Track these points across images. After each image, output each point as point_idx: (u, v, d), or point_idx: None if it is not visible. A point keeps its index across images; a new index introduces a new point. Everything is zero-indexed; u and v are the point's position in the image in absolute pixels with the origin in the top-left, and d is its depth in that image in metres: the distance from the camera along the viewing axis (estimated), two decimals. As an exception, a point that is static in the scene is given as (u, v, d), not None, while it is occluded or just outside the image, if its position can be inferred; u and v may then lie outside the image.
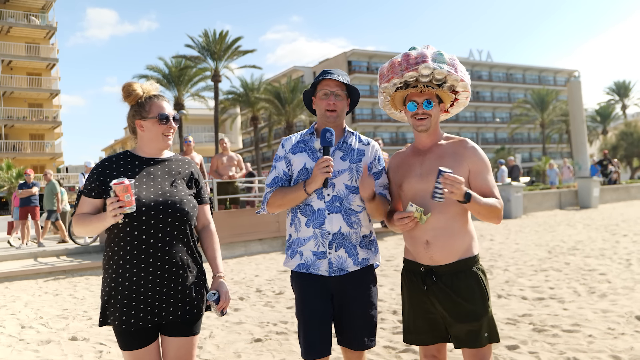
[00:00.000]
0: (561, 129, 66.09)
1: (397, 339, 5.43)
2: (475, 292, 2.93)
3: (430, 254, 2.96)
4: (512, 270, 8.85)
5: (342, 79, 3.23)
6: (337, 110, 3.22)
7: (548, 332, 5.37)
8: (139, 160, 2.96)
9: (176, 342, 2.89)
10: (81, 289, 9.54)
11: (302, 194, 3.12)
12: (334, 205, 3.16)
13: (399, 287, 7.97)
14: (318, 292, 3.16)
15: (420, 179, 3.02)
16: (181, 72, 44.35)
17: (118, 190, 2.61)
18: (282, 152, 3.33)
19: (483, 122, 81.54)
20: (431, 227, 2.95)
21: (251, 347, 5.53)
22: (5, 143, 46.89)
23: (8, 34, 48.35)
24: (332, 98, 3.20)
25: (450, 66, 2.98)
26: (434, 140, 3.09)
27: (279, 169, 3.30)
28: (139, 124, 2.94)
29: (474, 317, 2.90)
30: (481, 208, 2.84)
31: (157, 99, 2.96)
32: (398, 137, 74.48)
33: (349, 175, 3.19)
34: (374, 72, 74.01)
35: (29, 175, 15.24)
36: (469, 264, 2.97)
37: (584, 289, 7.24)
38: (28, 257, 13.06)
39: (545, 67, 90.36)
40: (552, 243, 12.17)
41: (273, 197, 3.23)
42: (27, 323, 7.07)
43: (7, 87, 46.97)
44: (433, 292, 2.98)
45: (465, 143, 3.04)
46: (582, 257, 9.95)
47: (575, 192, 24.35)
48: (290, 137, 3.39)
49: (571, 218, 18.70)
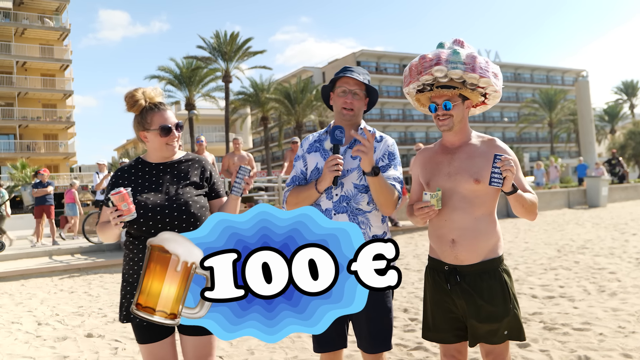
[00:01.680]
0: (569, 129, 65.75)
1: (408, 337, 5.43)
2: (497, 294, 2.91)
3: (455, 253, 2.95)
4: (522, 269, 8.82)
5: (362, 78, 3.17)
6: (354, 109, 3.18)
7: (559, 331, 5.35)
8: (149, 167, 3.03)
9: (195, 341, 2.92)
10: (96, 287, 9.59)
11: (314, 193, 3.11)
12: (340, 206, 3.13)
13: (409, 285, 8.00)
14: None
15: (448, 177, 2.99)
16: (192, 72, 44.43)
17: (115, 200, 2.66)
18: (301, 152, 3.34)
19: (491, 122, 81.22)
20: (457, 226, 2.93)
21: (264, 344, 5.53)
22: (19, 143, 47.22)
23: (23, 36, 48.72)
24: (350, 97, 3.16)
25: (466, 65, 2.90)
26: (462, 138, 3.06)
27: (297, 168, 3.31)
28: (143, 135, 3.00)
29: (495, 319, 2.88)
30: (524, 201, 2.85)
31: (159, 108, 2.97)
32: (407, 136, 74.26)
33: (358, 174, 3.14)
34: (383, 73, 73.95)
35: (44, 174, 15.34)
36: (494, 265, 2.95)
37: (593, 287, 7.21)
38: (43, 255, 13.17)
39: (553, 67, 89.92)
40: (561, 242, 12.11)
41: (290, 195, 3.23)
42: (43, 320, 7.12)
43: (21, 87, 47.31)
44: (455, 292, 2.96)
45: (495, 142, 3.02)
46: (591, 255, 9.90)
47: (584, 191, 24.22)
48: (309, 136, 3.38)
49: (580, 217, 18.61)
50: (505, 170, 2.69)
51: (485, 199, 2.93)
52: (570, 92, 69.63)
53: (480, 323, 2.90)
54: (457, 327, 3.03)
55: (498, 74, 3.02)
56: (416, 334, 5.51)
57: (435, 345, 5.00)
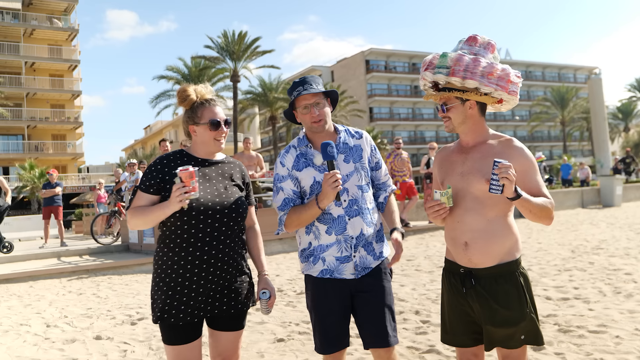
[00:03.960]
0: (582, 127, 65.51)
1: (420, 340, 5.39)
2: (512, 298, 2.86)
3: (468, 256, 2.92)
4: (535, 270, 8.75)
5: (317, 89, 3.12)
6: (323, 119, 3.14)
7: (574, 333, 5.30)
8: (195, 161, 3.07)
9: (226, 336, 3.08)
10: (104, 288, 9.61)
11: (316, 211, 3.07)
12: (352, 209, 3.14)
13: (420, 287, 7.97)
14: (338, 294, 3.15)
15: (461, 177, 2.96)
16: (200, 72, 44.57)
17: (184, 176, 2.70)
18: (285, 171, 3.22)
19: (502, 120, 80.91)
20: (469, 228, 2.90)
21: (274, 347, 5.52)
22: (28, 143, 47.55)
23: (31, 36, 49.07)
24: (314, 110, 3.11)
25: (448, 68, 2.88)
26: (475, 138, 3.01)
27: (287, 189, 3.21)
28: (192, 129, 3.06)
29: (511, 323, 2.84)
30: (532, 206, 2.77)
31: (210, 104, 3.05)
32: (417, 135, 74.13)
33: (357, 175, 3.19)
34: (392, 71, 73.89)
35: (52, 175, 15.39)
36: (510, 269, 2.90)
37: (609, 289, 7.13)
38: (51, 256, 13.22)
39: (565, 64, 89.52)
40: (575, 242, 12.02)
41: (289, 218, 3.17)
42: (52, 322, 7.14)
43: (30, 88, 47.65)
44: (471, 295, 2.93)
45: (511, 142, 2.95)
46: (606, 256, 9.81)
47: (598, 190, 24.06)
48: (285, 153, 3.29)
49: (594, 217, 18.48)
50: (502, 177, 2.63)
51: (498, 200, 2.86)
52: (582, 90, 69.36)
53: (496, 327, 2.86)
54: (473, 330, 3.00)
55: (495, 72, 2.87)
56: (428, 336, 5.48)
57: (448, 349, 4.96)
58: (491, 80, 2.87)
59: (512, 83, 2.92)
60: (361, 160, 3.23)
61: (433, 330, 5.66)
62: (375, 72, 72.25)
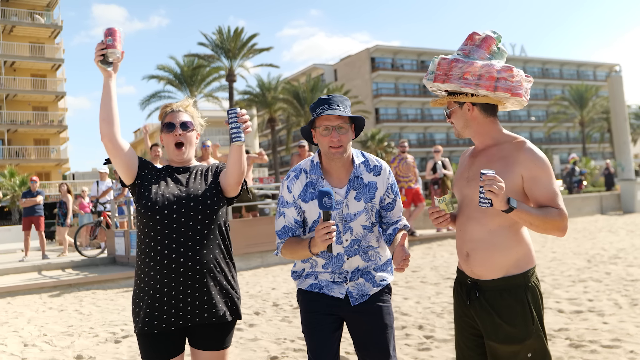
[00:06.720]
0: (602, 128, 65.44)
1: (422, 356, 5.42)
2: (516, 314, 2.83)
3: (470, 267, 2.94)
4: (548, 281, 8.77)
5: (343, 112, 3.04)
6: (343, 145, 3.06)
7: (586, 348, 5.31)
8: (171, 169, 3.20)
9: (207, 356, 3.03)
10: (87, 304, 9.64)
11: (309, 254, 3.04)
12: (352, 249, 3.19)
13: (425, 300, 7.99)
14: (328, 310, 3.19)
15: (466, 183, 2.99)
16: (194, 71, 44.71)
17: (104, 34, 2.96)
18: (291, 198, 3.21)
19: (517, 121, 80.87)
20: (470, 238, 2.93)
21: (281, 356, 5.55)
22: (8, 149, 47.49)
23: (11, 34, 49.05)
24: (335, 134, 3.03)
25: (433, 74, 2.95)
26: (484, 141, 3.01)
27: (289, 216, 3.20)
28: (161, 138, 3.21)
29: (514, 340, 2.82)
30: (532, 219, 2.71)
31: (173, 111, 3.20)
32: (426, 137, 74.16)
33: (366, 216, 3.19)
34: (399, 69, 73.97)
35: (35, 183, 15.39)
36: (517, 282, 2.87)
37: (625, 300, 7.15)
38: (32, 270, 13.23)
39: (583, 61, 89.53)
40: (592, 251, 12.04)
41: (284, 249, 3.18)
42: (30, 341, 7.16)
43: (10, 89, 47.58)
44: (474, 307, 2.94)
45: (522, 145, 2.88)
46: (624, 266, 9.83)
47: (618, 195, 24.06)
48: (295, 177, 3.24)
49: (613, 224, 18.49)
50: (486, 191, 2.62)
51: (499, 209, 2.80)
52: (603, 88, 69.24)
53: (499, 344, 2.85)
54: (479, 344, 3.02)
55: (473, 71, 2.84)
56: (431, 352, 5.50)
57: (451, 366, 4.99)
58: (468, 81, 2.84)
59: (501, 80, 2.83)
60: (373, 200, 3.20)
61: (437, 346, 5.69)
62: (381, 71, 72.26)
